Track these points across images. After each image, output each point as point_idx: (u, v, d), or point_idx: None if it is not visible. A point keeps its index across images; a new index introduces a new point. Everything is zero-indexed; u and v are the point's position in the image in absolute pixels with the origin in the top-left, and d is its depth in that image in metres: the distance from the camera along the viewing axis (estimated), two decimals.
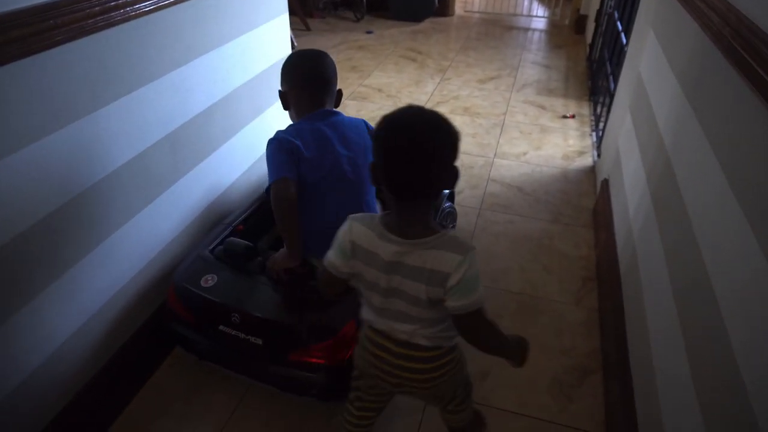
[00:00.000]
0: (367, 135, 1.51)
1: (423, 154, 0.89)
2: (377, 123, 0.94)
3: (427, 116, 0.93)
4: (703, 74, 1.34)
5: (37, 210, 1.18)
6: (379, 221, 0.99)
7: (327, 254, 1.05)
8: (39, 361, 1.27)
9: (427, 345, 1.07)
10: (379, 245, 0.98)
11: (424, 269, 0.96)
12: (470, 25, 5.61)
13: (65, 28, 1.15)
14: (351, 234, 1.01)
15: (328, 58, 1.52)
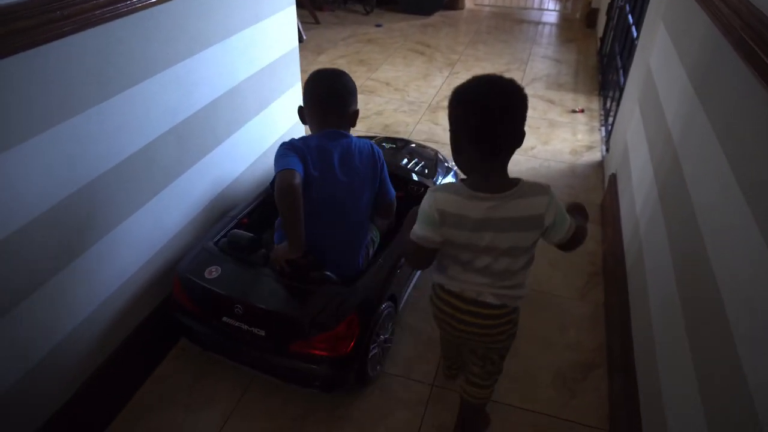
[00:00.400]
0: (372, 160, 1.56)
1: (507, 112, 1.02)
2: (454, 96, 1.05)
3: (504, 81, 1.04)
4: (712, 67, 1.32)
5: (43, 201, 1.19)
6: (464, 185, 1.09)
7: (414, 230, 1.13)
8: (44, 352, 1.29)
9: (495, 303, 1.18)
10: (469, 206, 1.08)
11: (517, 218, 1.08)
12: (480, 19, 5.57)
13: (72, 19, 1.16)
14: (436, 204, 1.09)
15: (344, 78, 1.55)
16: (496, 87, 1.03)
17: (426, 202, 1.12)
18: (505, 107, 1.02)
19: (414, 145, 2.24)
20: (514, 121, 1.04)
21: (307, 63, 4.19)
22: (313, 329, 1.39)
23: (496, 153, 1.06)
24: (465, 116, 1.04)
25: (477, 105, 1.02)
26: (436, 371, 1.69)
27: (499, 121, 1.02)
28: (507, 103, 1.02)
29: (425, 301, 1.92)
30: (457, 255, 1.15)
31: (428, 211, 1.10)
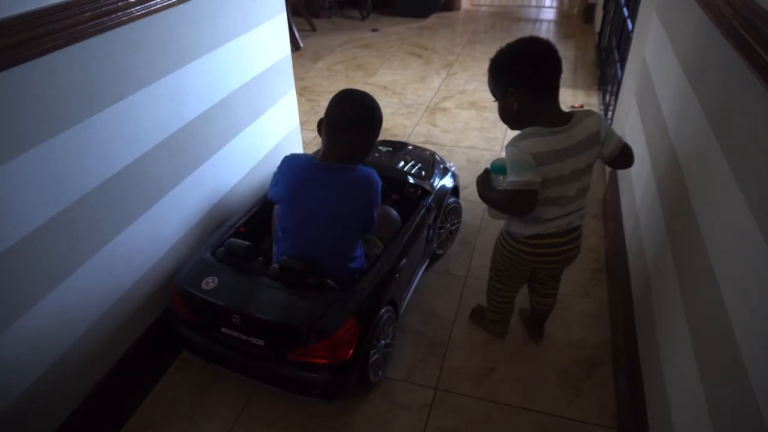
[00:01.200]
0: (369, 193, 1.49)
1: (557, 55, 1.28)
2: (517, 59, 1.30)
3: (541, 37, 1.33)
4: (704, 56, 1.31)
5: (34, 217, 1.19)
6: (539, 127, 1.27)
7: (512, 180, 1.26)
8: (44, 368, 1.29)
9: (580, 224, 1.45)
10: (552, 141, 1.27)
11: (584, 139, 1.30)
12: (477, 19, 5.56)
13: (56, 35, 1.16)
14: (528, 149, 1.25)
15: (364, 105, 1.50)
16: (544, 40, 1.30)
17: (514, 153, 1.25)
18: (556, 51, 1.29)
19: (411, 147, 2.23)
20: (561, 62, 1.30)
21: (305, 70, 4.20)
22: (312, 337, 1.37)
23: (555, 89, 1.30)
24: (536, 69, 1.27)
25: (546, 56, 1.27)
26: (438, 374, 1.67)
27: (557, 61, 1.28)
28: (555, 48, 1.29)
29: (427, 304, 1.92)
30: (549, 196, 1.32)
31: (521, 158, 1.24)
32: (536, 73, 1.28)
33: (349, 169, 1.48)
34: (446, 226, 2.10)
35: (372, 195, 1.50)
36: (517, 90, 1.28)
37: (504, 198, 1.32)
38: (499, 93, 1.34)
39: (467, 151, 2.95)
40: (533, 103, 1.29)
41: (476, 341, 1.78)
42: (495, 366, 1.69)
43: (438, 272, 2.08)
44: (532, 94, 1.28)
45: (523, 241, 1.44)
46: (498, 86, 1.34)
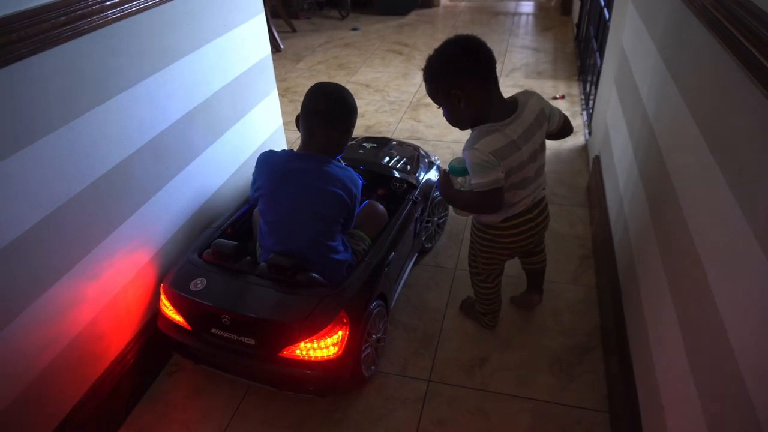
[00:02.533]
0: (348, 186, 1.49)
1: (487, 45, 1.31)
2: (441, 56, 1.30)
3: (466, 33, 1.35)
4: (679, 38, 1.33)
5: (19, 223, 1.17)
6: (490, 124, 1.30)
7: (479, 182, 1.29)
8: (32, 376, 1.27)
9: (543, 194, 1.51)
10: (507, 133, 1.30)
11: (533, 121, 1.34)
12: (456, 14, 5.58)
13: (30, 40, 1.14)
14: (486, 149, 1.27)
15: (336, 96, 1.52)
16: (470, 35, 1.31)
17: (475, 156, 1.28)
18: (484, 42, 1.30)
19: (395, 143, 2.23)
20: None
21: (286, 71, 4.18)
22: (302, 333, 1.37)
23: (497, 80, 1.33)
24: (475, 61, 1.28)
25: (479, 47, 1.29)
26: (431, 366, 1.68)
27: (491, 51, 1.31)
28: (482, 40, 1.30)
29: (417, 297, 1.93)
30: (512, 182, 1.35)
31: (484, 159, 1.27)
32: (477, 65, 1.29)
33: (330, 161, 1.51)
34: (433, 220, 2.10)
35: (351, 189, 1.51)
36: (460, 89, 1.28)
37: (472, 199, 1.35)
38: (442, 97, 1.34)
39: (452, 145, 2.97)
40: (479, 97, 1.30)
41: (468, 332, 1.79)
42: (487, 356, 1.70)
43: (427, 266, 2.08)
44: (477, 88, 1.29)
45: (497, 226, 1.48)
46: (439, 92, 1.33)
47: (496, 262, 1.61)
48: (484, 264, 1.61)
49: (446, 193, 1.45)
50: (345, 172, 1.52)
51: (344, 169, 1.53)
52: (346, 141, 1.57)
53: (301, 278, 1.46)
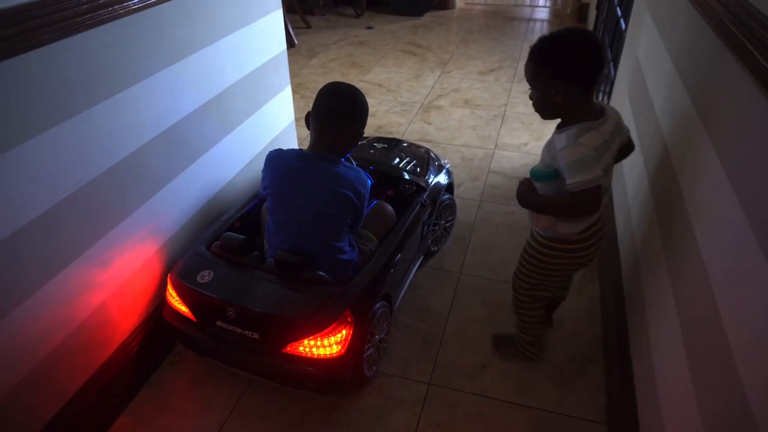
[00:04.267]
0: (356, 187, 1.49)
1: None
2: (559, 45, 1.24)
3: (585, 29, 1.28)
4: (695, 52, 1.33)
5: (33, 208, 1.18)
6: (588, 122, 1.25)
7: (582, 180, 1.20)
8: (39, 358, 1.28)
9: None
10: (603, 131, 1.25)
11: (615, 128, 1.29)
12: (471, 17, 5.58)
13: (52, 26, 1.16)
14: (589, 146, 1.21)
15: (348, 97, 1.51)
16: (591, 33, 1.29)
17: (578, 152, 1.21)
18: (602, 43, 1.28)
19: (406, 144, 2.24)
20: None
21: (299, 67, 4.19)
22: (306, 330, 1.38)
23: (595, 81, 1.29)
24: (591, 63, 1.24)
25: (598, 51, 1.24)
26: (432, 369, 1.68)
27: (604, 53, 1.30)
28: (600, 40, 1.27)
29: (421, 300, 1.93)
30: (604, 185, 1.27)
31: (587, 154, 1.21)
32: (590, 64, 1.24)
33: (339, 162, 1.51)
34: (441, 223, 2.11)
35: (359, 190, 1.50)
36: (564, 82, 1.23)
37: (571, 201, 1.25)
38: (540, 82, 1.28)
39: (461, 148, 2.97)
40: (578, 96, 1.25)
41: (470, 337, 1.80)
42: (488, 361, 1.71)
43: (432, 269, 2.09)
44: (579, 86, 1.25)
45: (574, 238, 1.38)
46: (539, 76, 1.27)
47: (556, 281, 1.51)
48: (543, 285, 1.50)
49: (531, 200, 1.33)
50: (354, 173, 1.52)
51: (353, 170, 1.53)
52: (356, 142, 1.56)
53: (308, 275, 1.47)
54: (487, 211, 2.44)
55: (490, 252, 2.18)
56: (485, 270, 2.08)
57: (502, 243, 2.23)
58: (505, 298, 1.95)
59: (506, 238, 2.26)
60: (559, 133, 1.29)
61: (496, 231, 2.31)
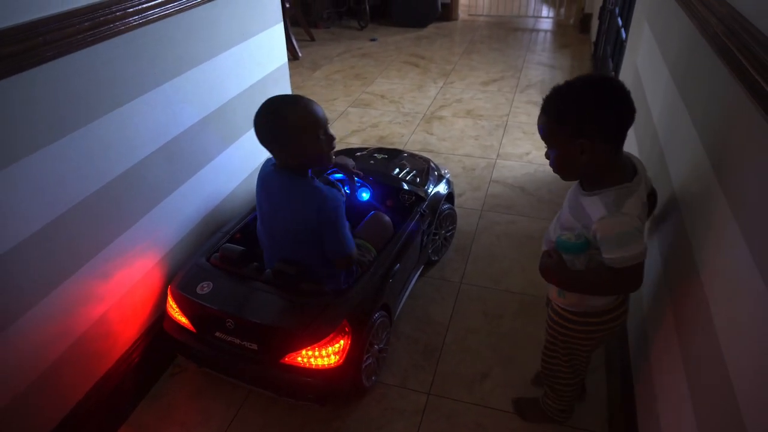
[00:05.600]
0: (320, 209, 1.42)
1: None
2: (583, 97, 1.04)
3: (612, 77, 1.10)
4: (691, 63, 1.33)
5: (33, 222, 1.20)
6: (626, 185, 1.06)
7: (628, 255, 1.03)
8: (40, 370, 1.30)
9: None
10: (641, 192, 1.08)
11: (646, 177, 1.13)
12: (474, 29, 5.61)
13: (55, 44, 1.18)
14: (635, 215, 1.04)
15: (273, 117, 1.38)
16: (619, 82, 1.06)
17: (624, 223, 1.03)
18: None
19: (406, 155, 2.25)
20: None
21: (303, 79, 4.23)
22: (304, 341, 1.39)
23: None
24: (621, 116, 1.04)
25: (628, 95, 1.04)
26: (432, 379, 1.68)
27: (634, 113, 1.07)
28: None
29: (421, 310, 1.93)
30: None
31: (634, 226, 1.03)
32: (622, 121, 1.04)
33: (302, 181, 1.44)
34: (441, 233, 2.11)
35: (324, 212, 1.41)
36: (591, 140, 1.03)
37: (612, 279, 1.08)
38: (561, 140, 1.07)
39: (463, 158, 2.98)
40: (607, 153, 1.05)
41: (470, 347, 1.80)
42: (488, 372, 1.70)
43: (433, 278, 2.09)
44: (609, 144, 1.05)
45: (611, 307, 1.21)
46: (559, 135, 1.07)
47: (592, 350, 1.34)
48: (583, 357, 1.33)
49: (561, 276, 1.14)
50: (315, 192, 1.43)
51: (315, 188, 1.43)
52: (311, 155, 1.42)
53: (306, 286, 1.47)
54: (488, 220, 2.44)
55: (491, 261, 2.18)
56: (486, 279, 2.08)
57: (503, 252, 2.23)
58: (506, 307, 1.95)
59: (507, 247, 2.26)
60: (589, 195, 1.09)
61: (498, 240, 2.31)
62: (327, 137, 1.43)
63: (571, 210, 1.15)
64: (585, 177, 1.12)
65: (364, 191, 1.96)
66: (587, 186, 1.11)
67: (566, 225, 1.16)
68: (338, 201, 1.45)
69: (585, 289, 1.16)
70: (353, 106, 3.73)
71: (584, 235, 1.10)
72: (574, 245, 1.10)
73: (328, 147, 1.44)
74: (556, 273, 1.14)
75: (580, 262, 1.11)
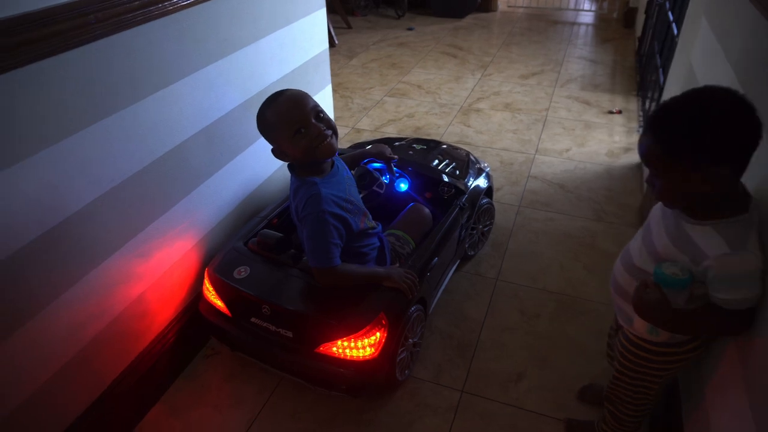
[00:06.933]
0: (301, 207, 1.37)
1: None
2: (705, 117, 0.87)
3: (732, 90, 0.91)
4: (759, 61, 1.25)
5: (71, 202, 1.21)
6: (745, 216, 0.92)
7: (747, 298, 0.92)
8: (77, 348, 1.31)
9: None
10: (757, 225, 0.94)
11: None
12: (514, 21, 5.49)
13: (105, 22, 1.18)
14: (758, 254, 0.91)
15: (258, 113, 1.37)
16: (742, 96, 0.89)
17: (750, 262, 0.90)
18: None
19: (445, 146, 2.21)
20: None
21: (339, 67, 4.21)
22: (340, 331, 1.37)
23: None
24: (753, 131, 0.87)
25: (755, 112, 0.87)
26: (466, 377, 1.65)
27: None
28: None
29: (456, 305, 1.90)
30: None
31: (759, 267, 0.91)
32: (750, 146, 0.88)
33: (297, 177, 1.42)
34: (479, 227, 2.07)
35: (303, 212, 1.35)
36: (713, 170, 0.88)
37: (723, 320, 0.95)
38: (677, 172, 0.91)
39: (501, 152, 2.92)
40: (728, 181, 0.91)
41: (505, 345, 1.76)
42: (524, 372, 1.66)
43: (468, 273, 2.05)
44: (732, 173, 0.90)
45: (691, 338, 1.10)
46: (677, 165, 0.90)
47: (667, 380, 1.22)
48: (656, 387, 1.20)
49: (666, 316, 0.97)
50: (302, 190, 1.38)
51: (304, 186, 1.38)
52: (285, 153, 1.38)
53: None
54: (526, 216, 2.38)
55: (528, 259, 2.13)
56: (523, 277, 2.03)
57: (541, 250, 2.17)
58: (542, 306, 1.90)
59: (545, 245, 2.20)
60: (698, 224, 0.95)
61: (535, 238, 2.25)
62: (311, 129, 1.32)
63: (672, 239, 1.00)
64: (695, 204, 0.97)
65: (402, 181, 1.93)
66: (696, 214, 0.96)
67: (665, 255, 1.01)
68: (320, 208, 1.32)
69: (689, 330, 1.03)
70: (389, 95, 3.69)
71: (689, 268, 0.95)
72: (680, 281, 0.95)
73: (316, 140, 1.33)
74: (658, 312, 0.97)
75: (682, 298, 0.97)
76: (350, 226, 1.40)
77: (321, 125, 1.35)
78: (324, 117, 1.37)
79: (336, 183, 1.42)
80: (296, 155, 1.36)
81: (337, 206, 1.37)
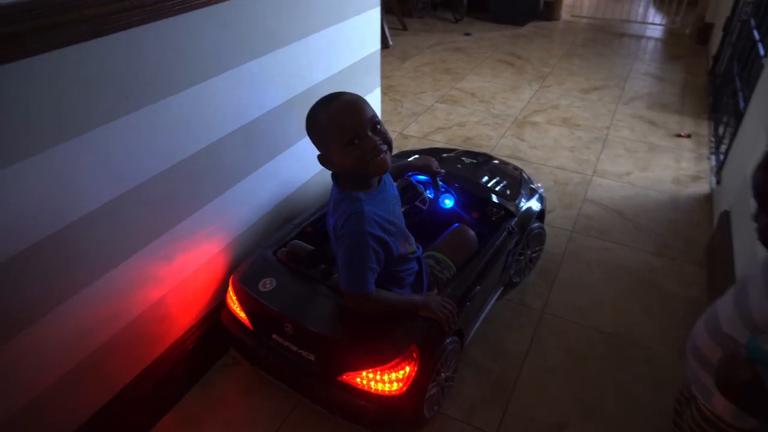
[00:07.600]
0: (338, 226, 1.24)
1: None
2: None
3: None
4: None
5: (90, 199, 1.13)
6: None
7: None
8: (90, 350, 1.24)
9: None
10: None
11: None
12: (576, 31, 5.24)
13: (141, 9, 1.10)
14: None
15: (309, 116, 1.25)
16: None
17: None
18: None
19: (497, 162, 2.05)
20: None
21: (391, 69, 4.09)
22: (366, 361, 1.24)
23: None
24: None
25: None
26: (501, 418, 1.49)
27: None
28: None
29: (495, 336, 1.74)
30: None
31: None
32: None
33: (339, 190, 1.28)
34: (527, 253, 1.90)
35: (342, 230, 1.22)
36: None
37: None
38: None
39: (555, 171, 2.73)
40: None
41: (548, 387, 1.59)
42: (566, 422, 1.49)
43: (512, 302, 1.89)
44: None
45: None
46: None
47: None
48: None
49: (755, 400, 0.82)
50: (343, 205, 1.25)
51: (347, 201, 1.24)
52: (331, 162, 1.25)
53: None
54: (578, 243, 2.20)
55: (579, 292, 1.94)
56: (572, 312, 1.86)
57: (593, 283, 1.99)
58: (592, 348, 1.72)
59: (599, 278, 2.02)
60: None
61: (588, 268, 2.06)
62: (366, 141, 1.18)
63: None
64: None
65: (447, 197, 1.79)
66: None
67: (763, 325, 0.84)
68: (361, 229, 1.20)
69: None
70: (441, 101, 3.55)
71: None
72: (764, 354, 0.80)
73: (370, 154, 1.19)
74: (748, 395, 0.81)
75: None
76: (390, 251, 1.26)
77: (377, 138, 1.20)
78: (381, 129, 1.23)
79: (381, 201, 1.28)
80: (344, 166, 1.22)
81: (379, 228, 1.22)
